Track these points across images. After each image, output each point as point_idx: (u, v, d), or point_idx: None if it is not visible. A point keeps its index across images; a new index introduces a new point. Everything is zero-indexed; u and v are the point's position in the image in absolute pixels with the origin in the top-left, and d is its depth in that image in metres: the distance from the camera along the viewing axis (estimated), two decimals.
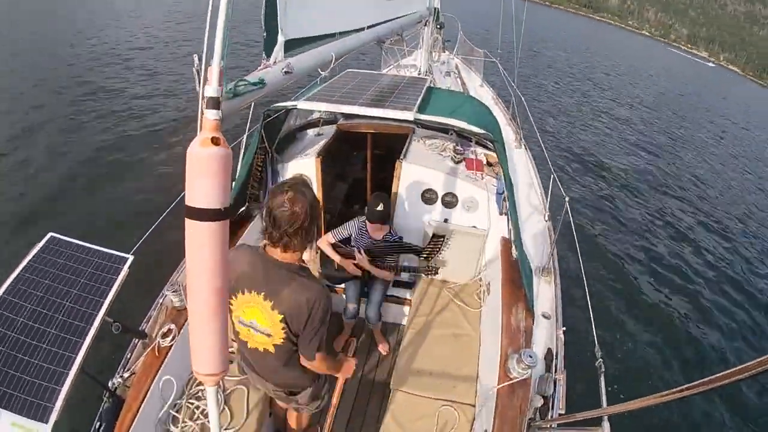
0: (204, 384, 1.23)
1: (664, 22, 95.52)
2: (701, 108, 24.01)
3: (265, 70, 1.79)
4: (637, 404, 1.30)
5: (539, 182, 4.20)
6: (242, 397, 2.60)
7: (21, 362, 1.84)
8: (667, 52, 67.61)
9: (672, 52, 74.21)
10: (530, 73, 20.48)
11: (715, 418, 4.90)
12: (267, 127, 3.29)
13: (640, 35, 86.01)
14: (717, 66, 73.33)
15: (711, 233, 9.32)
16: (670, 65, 44.73)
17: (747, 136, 20.46)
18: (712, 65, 70.37)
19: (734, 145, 17.68)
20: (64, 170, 7.49)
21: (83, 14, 19.52)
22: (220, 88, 1.10)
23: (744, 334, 6.40)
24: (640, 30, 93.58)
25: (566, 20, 65.46)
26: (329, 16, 2.70)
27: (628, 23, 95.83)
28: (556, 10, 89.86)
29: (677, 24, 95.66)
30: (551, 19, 62.86)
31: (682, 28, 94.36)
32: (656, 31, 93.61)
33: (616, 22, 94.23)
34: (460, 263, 3.53)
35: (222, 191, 1.07)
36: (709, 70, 64.11)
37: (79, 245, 2.34)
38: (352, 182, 4.98)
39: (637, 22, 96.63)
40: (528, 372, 2.27)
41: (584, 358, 4.53)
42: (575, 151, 12.04)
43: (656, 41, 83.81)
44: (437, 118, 3.05)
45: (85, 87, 11.17)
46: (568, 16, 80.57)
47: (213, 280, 1.10)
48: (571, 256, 5.57)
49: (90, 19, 19.00)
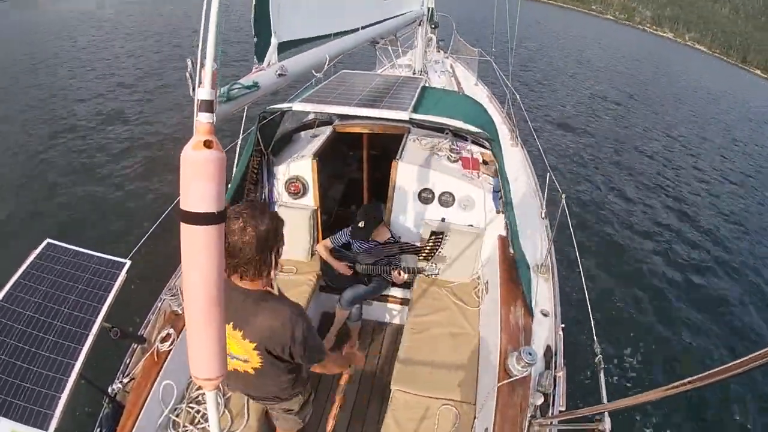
0: (203, 388, 1.23)
1: (627, 5, 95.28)
2: (702, 100, 23.98)
3: (259, 73, 1.78)
4: (637, 400, 1.30)
5: (535, 180, 4.21)
6: (242, 401, 2.59)
7: (20, 369, 1.83)
8: (636, 35, 67.51)
9: (640, 34, 73.73)
10: (522, 70, 20.51)
11: (716, 412, 4.92)
12: (262, 129, 3.29)
13: (606, 20, 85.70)
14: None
15: (710, 227, 9.33)
16: (648, 49, 44.77)
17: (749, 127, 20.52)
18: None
19: (737, 138, 17.69)
20: (59, 176, 7.48)
21: (75, 18, 19.47)
22: (214, 91, 1.10)
23: (746, 326, 6.42)
24: (605, 14, 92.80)
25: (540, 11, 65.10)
26: (323, 18, 2.70)
27: (592, 8, 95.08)
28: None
29: (640, 6, 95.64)
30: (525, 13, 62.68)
31: (645, 10, 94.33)
32: (621, 15, 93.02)
33: (578, 8, 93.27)
34: (458, 262, 3.53)
35: (216, 195, 1.07)
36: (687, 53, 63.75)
37: (76, 251, 2.34)
38: (348, 183, 4.98)
39: (601, 6, 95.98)
40: (528, 370, 2.27)
41: (584, 355, 4.56)
42: (571, 148, 12.07)
43: (622, 25, 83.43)
44: (433, 117, 3.06)
45: (81, 92, 11.16)
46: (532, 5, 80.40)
47: (209, 284, 1.10)
48: (568, 253, 5.59)
49: (83, 21, 18.97)
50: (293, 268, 3.70)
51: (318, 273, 3.66)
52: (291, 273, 3.66)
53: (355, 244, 3.47)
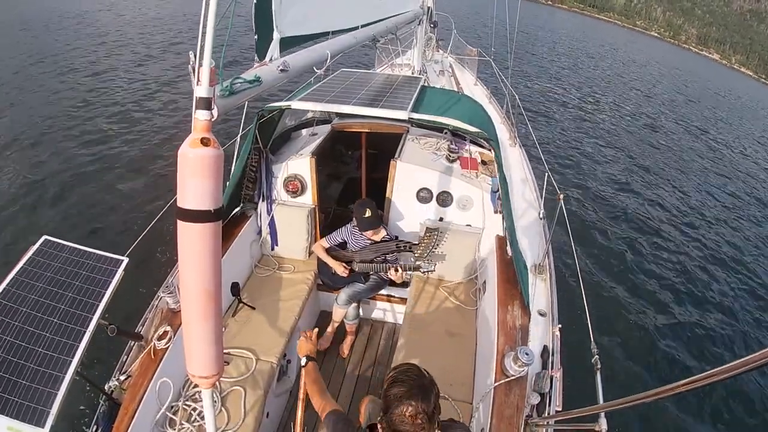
0: (199, 386, 1.23)
1: (673, 22, 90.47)
2: (704, 109, 23.94)
3: (261, 68, 1.78)
4: (633, 400, 1.30)
5: (534, 180, 4.21)
6: (239, 399, 2.60)
7: (17, 366, 1.83)
8: (669, 49, 66.00)
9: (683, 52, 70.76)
10: (526, 72, 20.52)
11: (712, 413, 4.93)
12: (261, 127, 3.28)
13: (649, 36, 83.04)
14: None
15: (708, 228, 9.36)
16: (670, 62, 44.69)
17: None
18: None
19: (736, 144, 17.69)
20: (57, 172, 7.44)
21: (75, 17, 19.42)
22: (212, 88, 1.10)
23: (742, 328, 6.43)
24: (648, 31, 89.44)
25: (572, 21, 64.88)
26: (324, 15, 2.70)
27: (636, 23, 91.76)
28: (559, 9, 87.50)
29: (686, 24, 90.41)
30: (557, 19, 62.25)
31: (691, 28, 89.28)
32: (666, 32, 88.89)
33: (623, 23, 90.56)
34: (456, 262, 3.53)
35: (213, 192, 1.07)
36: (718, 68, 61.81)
37: (74, 248, 2.33)
38: (346, 182, 4.98)
39: (645, 22, 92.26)
40: (524, 369, 2.28)
41: (580, 355, 4.56)
42: (569, 148, 12.07)
43: (666, 42, 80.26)
44: (431, 117, 3.06)
45: (77, 87, 11.13)
46: (569, 15, 79.65)
47: (206, 282, 1.10)
48: (566, 254, 5.61)
49: (84, 19, 18.91)
50: (291, 266, 3.70)
51: (315, 271, 3.66)
52: (289, 271, 3.66)
53: (351, 243, 3.47)
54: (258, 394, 2.65)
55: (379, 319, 4.09)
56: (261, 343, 2.98)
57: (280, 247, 3.77)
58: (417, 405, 1.40)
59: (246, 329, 3.09)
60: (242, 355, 2.88)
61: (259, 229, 3.70)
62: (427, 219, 3.57)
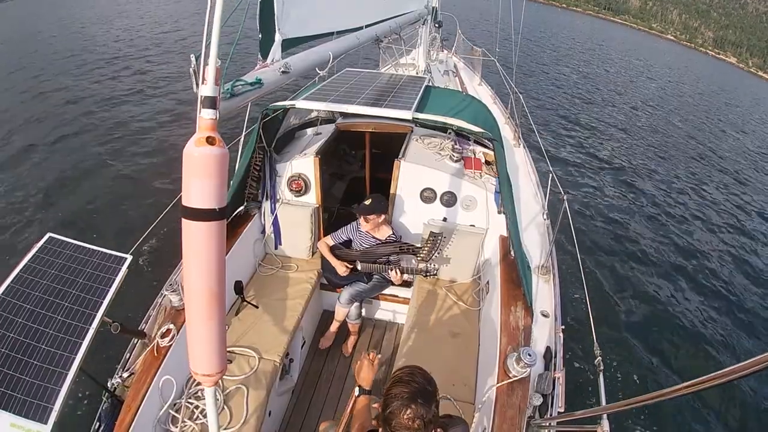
0: (202, 384, 1.23)
1: (689, 24, 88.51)
2: (714, 112, 23.80)
3: (263, 70, 1.78)
4: (636, 402, 1.30)
5: (538, 181, 4.20)
6: (242, 397, 2.60)
7: (20, 363, 1.84)
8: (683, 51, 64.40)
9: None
10: (530, 72, 20.48)
11: (715, 416, 4.91)
12: (265, 126, 3.29)
13: (665, 39, 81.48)
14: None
15: (717, 231, 9.30)
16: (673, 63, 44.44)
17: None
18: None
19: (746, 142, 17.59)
20: (62, 170, 7.49)
21: (83, 17, 19.49)
22: (217, 87, 1.10)
23: (747, 331, 6.39)
24: (664, 34, 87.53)
25: (588, 25, 64.44)
26: (327, 16, 2.70)
27: (652, 26, 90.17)
28: (573, 12, 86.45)
29: (702, 26, 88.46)
30: (571, 23, 61.79)
31: (707, 31, 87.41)
32: (681, 35, 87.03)
33: (638, 25, 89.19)
34: (459, 262, 3.53)
35: (218, 191, 1.07)
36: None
37: (78, 245, 2.34)
38: (350, 181, 4.98)
39: (660, 24, 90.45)
40: (527, 370, 2.27)
41: (583, 357, 4.56)
42: (574, 149, 12.04)
43: (682, 45, 78.70)
44: (436, 117, 3.05)
45: (83, 87, 11.17)
46: (585, 19, 78.91)
47: (210, 281, 1.10)
48: (569, 255, 5.59)
49: (90, 20, 18.99)
50: (294, 265, 3.71)
51: (319, 270, 3.67)
52: (292, 270, 3.67)
53: (356, 241, 3.47)
54: (260, 393, 2.65)
55: (382, 319, 4.09)
56: (264, 342, 2.99)
57: (284, 246, 3.78)
58: (416, 409, 1.41)
59: (249, 328, 3.10)
60: (245, 354, 2.89)
61: (263, 228, 3.71)
62: (430, 219, 3.56)
